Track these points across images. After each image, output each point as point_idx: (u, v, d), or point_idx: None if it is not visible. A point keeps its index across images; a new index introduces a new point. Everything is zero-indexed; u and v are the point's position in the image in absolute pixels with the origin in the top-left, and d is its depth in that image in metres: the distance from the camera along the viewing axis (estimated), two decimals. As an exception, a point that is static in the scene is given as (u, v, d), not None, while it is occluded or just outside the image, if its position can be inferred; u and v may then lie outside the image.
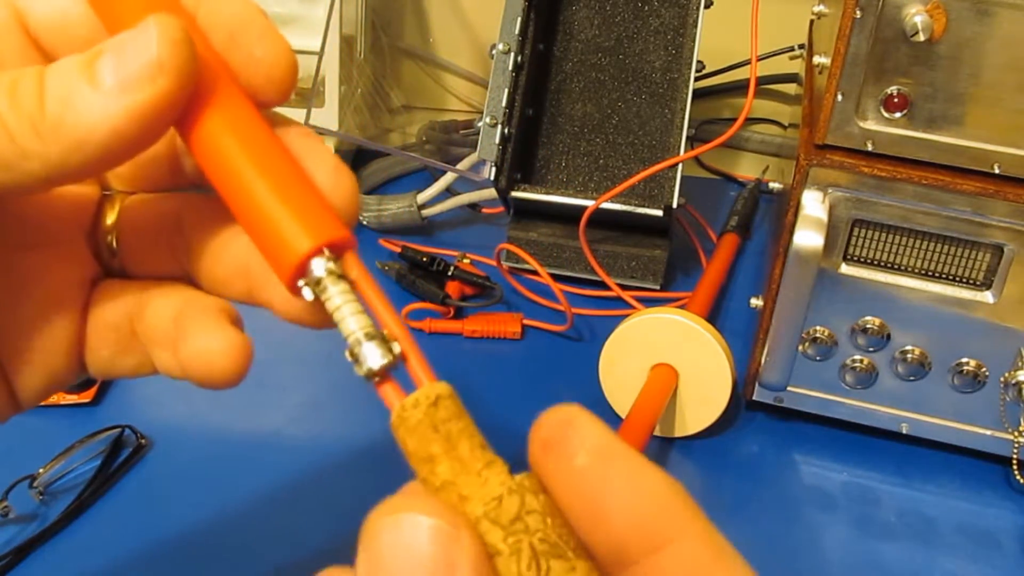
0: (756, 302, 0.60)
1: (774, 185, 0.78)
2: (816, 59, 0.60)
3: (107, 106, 0.22)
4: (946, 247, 0.53)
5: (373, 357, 0.23)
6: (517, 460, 0.22)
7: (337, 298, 0.23)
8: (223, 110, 0.24)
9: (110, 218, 0.29)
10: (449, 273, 0.69)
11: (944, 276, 0.54)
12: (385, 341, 0.23)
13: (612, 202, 0.68)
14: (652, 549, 0.20)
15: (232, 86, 0.24)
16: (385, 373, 0.23)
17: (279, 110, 0.27)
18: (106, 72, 0.23)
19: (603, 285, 0.71)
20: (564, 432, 0.21)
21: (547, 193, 0.71)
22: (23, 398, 0.29)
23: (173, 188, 0.30)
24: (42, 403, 0.30)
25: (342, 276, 0.23)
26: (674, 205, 0.67)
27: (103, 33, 0.24)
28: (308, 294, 0.23)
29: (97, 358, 0.29)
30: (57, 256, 0.29)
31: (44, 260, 0.29)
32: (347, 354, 0.23)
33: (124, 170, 0.29)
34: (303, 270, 0.23)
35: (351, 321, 0.23)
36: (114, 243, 0.29)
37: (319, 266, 0.23)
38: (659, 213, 0.69)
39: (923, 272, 0.54)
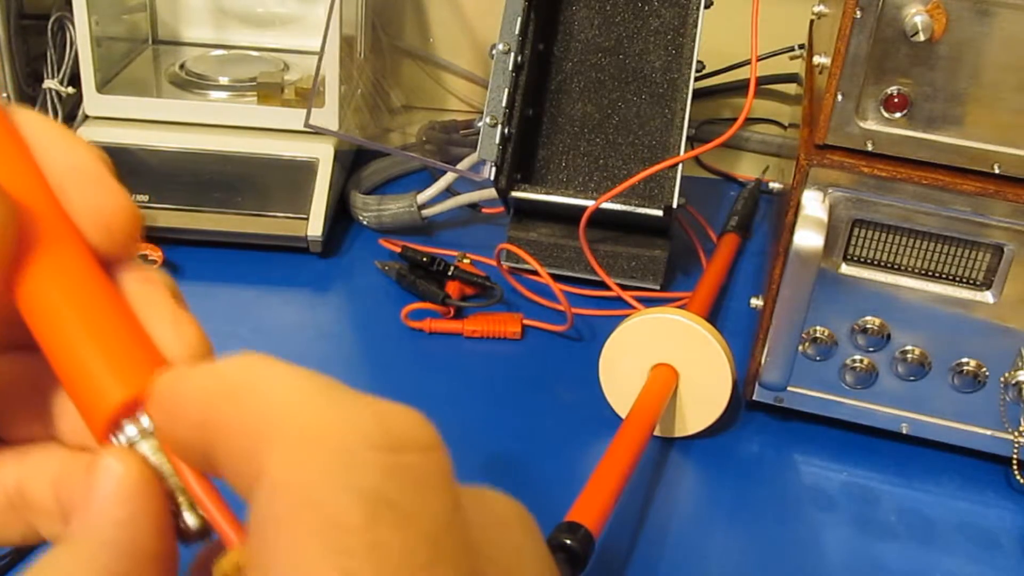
0: (756, 302, 0.60)
1: (774, 185, 0.78)
2: (816, 59, 0.60)
3: None
4: (946, 247, 0.53)
5: (192, 520, 0.22)
6: (517, 459, 0.22)
7: (153, 456, 0.22)
8: (46, 258, 0.22)
9: None
10: (449, 273, 0.69)
11: (944, 276, 0.54)
12: (193, 506, 0.22)
13: (612, 202, 0.68)
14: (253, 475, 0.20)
15: (63, 232, 0.23)
16: (208, 532, 0.22)
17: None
18: None
19: (603, 285, 0.71)
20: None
21: (547, 193, 0.71)
22: None
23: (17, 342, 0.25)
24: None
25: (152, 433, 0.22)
26: (674, 205, 0.67)
27: None
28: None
29: None
30: None
31: None
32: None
33: None
34: (114, 425, 0.22)
35: (171, 480, 0.22)
36: None
37: (131, 424, 0.22)
38: (659, 213, 0.69)
39: (923, 272, 0.54)
